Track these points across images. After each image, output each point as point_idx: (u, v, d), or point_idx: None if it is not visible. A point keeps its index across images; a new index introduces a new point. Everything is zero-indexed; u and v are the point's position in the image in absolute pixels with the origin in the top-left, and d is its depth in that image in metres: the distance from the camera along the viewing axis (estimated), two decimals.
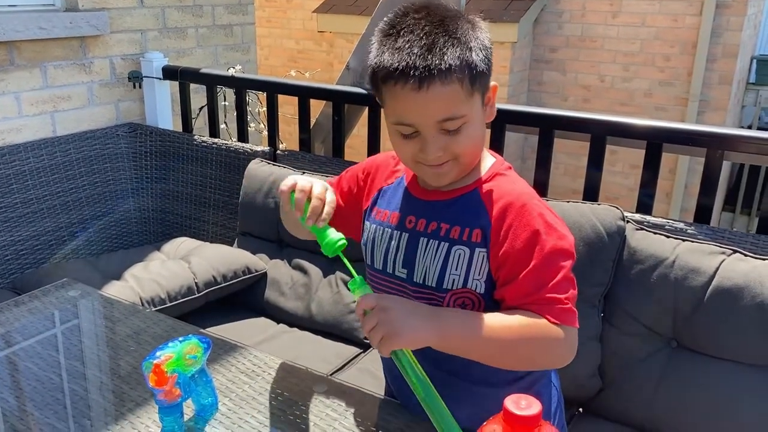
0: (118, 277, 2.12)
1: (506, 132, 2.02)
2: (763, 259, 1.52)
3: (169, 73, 2.74)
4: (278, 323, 2.14)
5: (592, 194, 1.90)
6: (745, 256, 1.54)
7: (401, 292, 1.10)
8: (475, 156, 1.08)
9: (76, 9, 2.54)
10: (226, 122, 2.95)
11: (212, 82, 2.69)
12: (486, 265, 1.04)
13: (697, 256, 1.56)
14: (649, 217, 1.73)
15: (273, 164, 2.33)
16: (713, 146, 1.70)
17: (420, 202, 1.12)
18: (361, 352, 1.99)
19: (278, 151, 2.46)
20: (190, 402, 1.07)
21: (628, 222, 1.68)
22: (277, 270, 2.20)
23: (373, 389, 1.21)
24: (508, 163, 1.14)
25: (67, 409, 1.13)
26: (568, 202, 1.74)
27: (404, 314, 0.94)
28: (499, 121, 1.97)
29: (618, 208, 1.69)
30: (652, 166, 1.81)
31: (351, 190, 1.24)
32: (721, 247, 1.57)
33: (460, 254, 1.05)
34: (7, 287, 2.28)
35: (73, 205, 2.52)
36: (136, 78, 2.75)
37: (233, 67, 2.73)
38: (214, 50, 3.16)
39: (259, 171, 2.31)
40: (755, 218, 5.77)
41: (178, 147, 2.64)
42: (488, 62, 1.02)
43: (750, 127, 5.89)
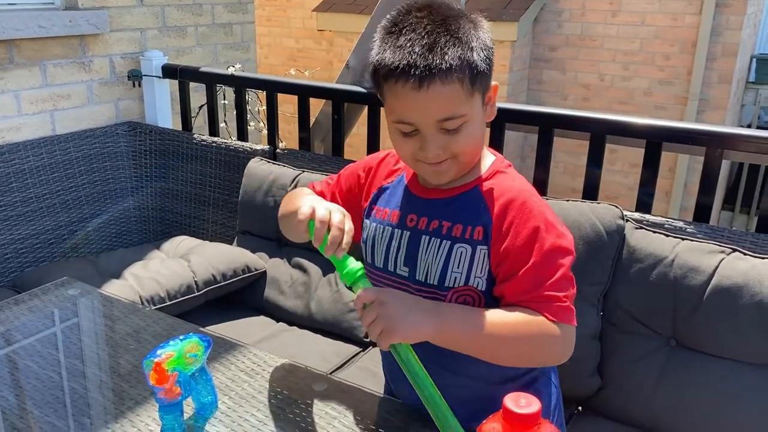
0: (117, 275, 2.12)
1: (506, 131, 2.02)
2: (763, 258, 1.52)
3: (169, 72, 2.73)
4: (278, 322, 2.14)
5: (591, 193, 1.90)
6: (745, 254, 1.54)
7: (403, 291, 1.10)
8: (474, 155, 1.08)
9: (76, 7, 2.54)
10: (225, 121, 2.95)
11: (212, 81, 2.69)
12: (487, 263, 1.04)
13: (697, 255, 1.56)
14: (648, 216, 1.73)
15: (273, 163, 2.33)
16: (713, 145, 1.70)
17: (420, 201, 1.12)
18: (361, 351, 1.99)
19: (278, 150, 2.46)
20: (189, 400, 1.07)
21: (628, 221, 1.68)
22: (277, 269, 2.20)
23: (373, 388, 1.21)
24: (508, 161, 1.14)
25: (67, 408, 1.14)
26: (567, 200, 1.74)
27: (403, 308, 0.95)
28: (499, 120, 1.96)
29: (617, 207, 1.69)
30: (651, 165, 1.81)
31: (351, 189, 1.24)
32: (720, 246, 1.57)
33: (462, 252, 1.05)
34: (7, 285, 2.28)
35: (73, 203, 2.52)
36: (135, 77, 2.75)
37: (233, 66, 2.73)
38: (213, 49, 3.16)
39: (259, 170, 2.31)
40: (754, 217, 5.77)
41: (178, 146, 2.64)
42: (489, 62, 1.02)
43: (749, 126, 5.89)
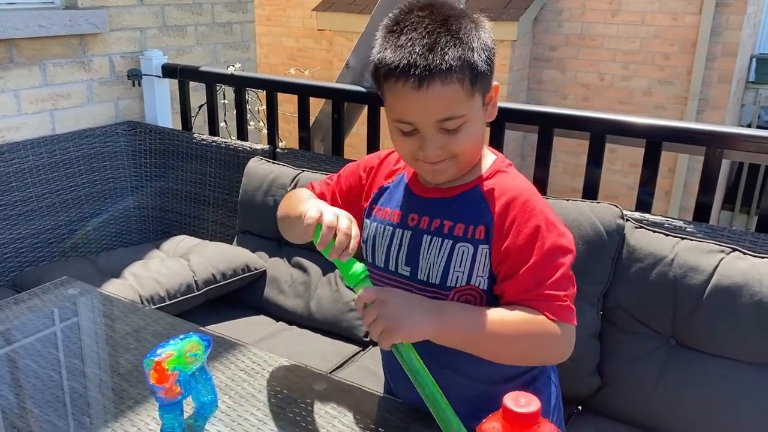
0: (117, 275, 2.12)
1: (506, 130, 2.02)
2: (762, 258, 1.52)
3: (169, 71, 2.73)
4: (277, 321, 2.14)
5: (591, 193, 1.90)
6: (744, 254, 1.54)
7: (404, 290, 1.10)
8: (474, 155, 1.08)
9: (76, 7, 2.54)
10: (225, 120, 2.95)
11: (212, 80, 2.69)
12: (488, 262, 1.04)
13: (696, 255, 1.56)
14: (648, 216, 1.73)
15: (272, 162, 2.33)
16: (712, 145, 1.70)
17: (421, 200, 1.12)
18: (361, 350, 1.99)
19: (278, 150, 2.46)
20: (189, 400, 1.07)
21: (628, 220, 1.68)
22: (277, 268, 2.20)
23: (373, 387, 1.21)
24: (508, 161, 1.14)
25: (67, 407, 1.14)
26: (567, 200, 1.74)
27: (404, 307, 0.94)
28: (499, 120, 1.96)
29: (617, 207, 1.69)
30: (651, 165, 1.81)
31: (351, 189, 1.24)
32: (720, 246, 1.57)
33: (464, 251, 1.05)
34: (7, 285, 2.28)
35: (73, 203, 2.52)
36: (135, 76, 2.75)
37: (233, 65, 2.73)
38: (213, 48, 3.15)
39: (259, 169, 2.31)
40: (754, 217, 5.77)
41: (178, 145, 2.64)
42: (490, 63, 1.02)
43: (749, 126, 5.89)
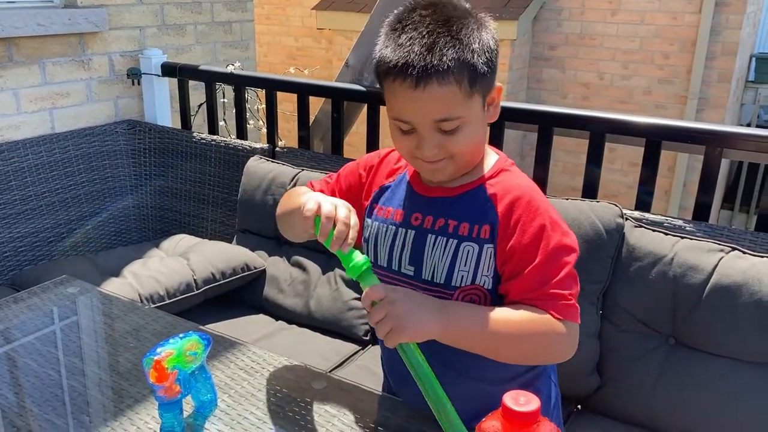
0: (116, 274, 2.12)
1: (505, 129, 2.02)
2: (762, 257, 1.52)
3: (168, 70, 2.73)
4: (277, 320, 2.14)
5: (591, 192, 1.90)
6: (744, 253, 1.54)
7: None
8: (473, 155, 1.08)
9: (75, 6, 2.53)
10: (225, 119, 2.95)
11: (211, 79, 2.69)
12: (493, 261, 1.04)
13: (696, 254, 1.56)
14: (647, 215, 1.73)
15: (272, 161, 2.33)
16: (712, 144, 1.70)
17: (424, 199, 1.12)
18: (360, 349, 1.99)
19: (277, 149, 2.46)
20: (189, 398, 1.07)
21: (627, 219, 1.68)
22: (276, 267, 2.20)
23: (372, 386, 1.21)
24: (511, 160, 1.14)
25: (66, 406, 1.13)
26: (567, 199, 1.74)
27: (413, 307, 0.94)
28: (498, 119, 1.94)
29: (617, 206, 1.69)
30: (650, 164, 1.81)
31: (351, 188, 1.24)
32: (719, 245, 1.57)
33: (469, 251, 1.05)
34: (6, 284, 2.28)
35: (72, 202, 2.52)
36: (134, 75, 2.75)
37: (232, 64, 2.73)
38: (213, 47, 3.15)
39: (258, 168, 2.30)
40: (754, 216, 5.77)
41: (177, 144, 2.63)
42: (491, 64, 1.01)
43: (749, 125, 5.88)
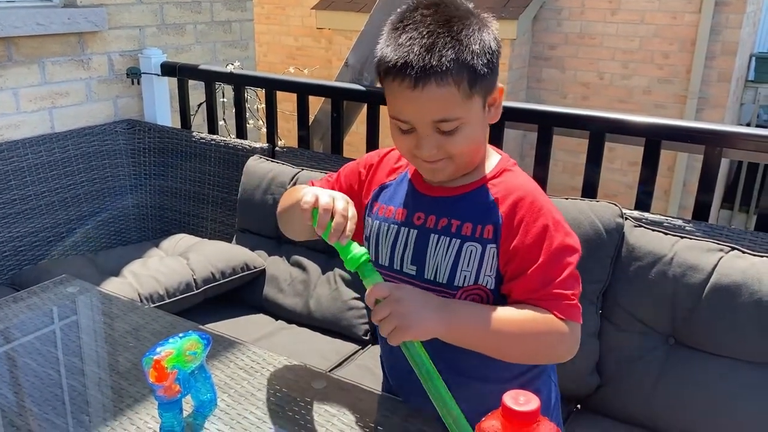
0: (116, 273, 2.12)
1: (505, 129, 2.02)
2: (762, 257, 1.52)
3: (168, 70, 2.73)
4: (277, 320, 2.14)
5: (590, 191, 1.90)
6: (743, 253, 1.54)
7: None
8: (472, 156, 1.07)
9: (74, 5, 2.53)
10: (224, 119, 2.95)
11: (211, 79, 2.69)
12: (496, 261, 1.04)
13: (696, 253, 1.56)
14: (647, 214, 1.73)
15: (272, 161, 2.33)
16: (712, 143, 1.70)
17: (427, 198, 1.12)
18: (360, 349, 1.99)
19: (277, 148, 2.46)
20: (189, 398, 1.07)
21: (627, 219, 1.68)
22: (276, 266, 2.20)
23: (372, 385, 1.21)
24: (513, 159, 1.14)
25: (66, 405, 1.13)
26: (566, 199, 1.74)
27: (417, 306, 0.94)
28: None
29: (616, 205, 1.69)
30: (650, 164, 1.81)
31: (351, 187, 1.24)
32: (719, 245, 1.57)
33: (472, 251, 1.05)
34: (6, 283, 2.28)
35: (72, 201, 2.51)
36: (134, 74, 2.74)
37: (232, 64, 2.73)
38: (212, 47, 3.15)
39: (258, 168, 2.30)
40: (753, 215, 5.77)
41: (177, 144, 2.63)
42: (491, 65, 1.01)
43: (748, 125, 5.89)
